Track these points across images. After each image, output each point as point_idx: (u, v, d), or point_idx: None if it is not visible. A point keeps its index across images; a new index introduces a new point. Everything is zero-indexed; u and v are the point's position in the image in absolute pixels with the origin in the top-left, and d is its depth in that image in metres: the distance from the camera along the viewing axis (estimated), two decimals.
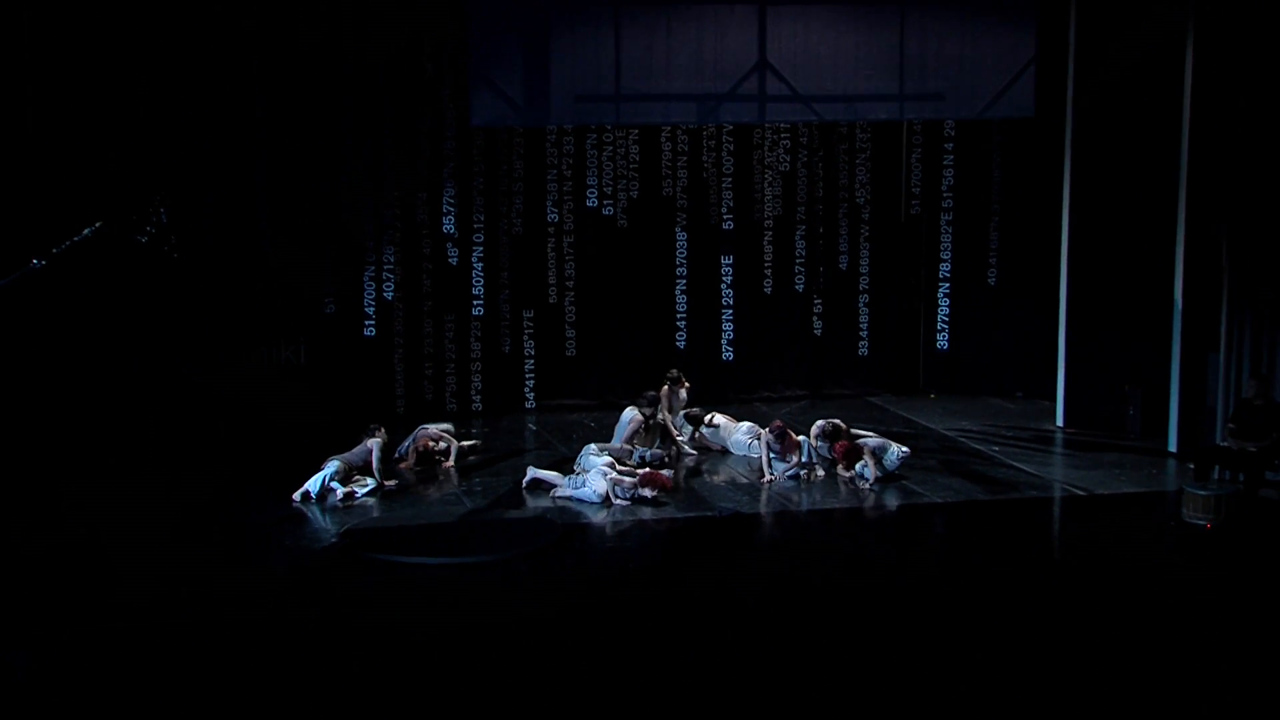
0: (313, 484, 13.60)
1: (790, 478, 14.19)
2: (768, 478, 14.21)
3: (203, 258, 15.88)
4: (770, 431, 14.44)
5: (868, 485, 13.88)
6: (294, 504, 13.42)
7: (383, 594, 10.97)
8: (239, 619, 10.26)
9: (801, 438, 14.45)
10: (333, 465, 13.79)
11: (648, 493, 13.35)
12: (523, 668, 9.40)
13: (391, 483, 14.02)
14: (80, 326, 15.09)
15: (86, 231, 13.45)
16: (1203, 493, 12.65)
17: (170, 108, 15.55)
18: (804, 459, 14.33)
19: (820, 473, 14.29)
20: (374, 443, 14.05)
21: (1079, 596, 10.92)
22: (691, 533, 12.57)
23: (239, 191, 16.14)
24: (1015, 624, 10.35)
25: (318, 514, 13.21)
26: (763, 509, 13.40)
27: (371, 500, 13.61)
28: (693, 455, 15.07)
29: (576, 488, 13.55)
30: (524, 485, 13.90)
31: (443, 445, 14.98)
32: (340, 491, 13.56)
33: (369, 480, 13.85)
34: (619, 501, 13.35)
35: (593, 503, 13.38)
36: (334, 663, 9.52)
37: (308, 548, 12.17)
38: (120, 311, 15.41)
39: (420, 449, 14.92)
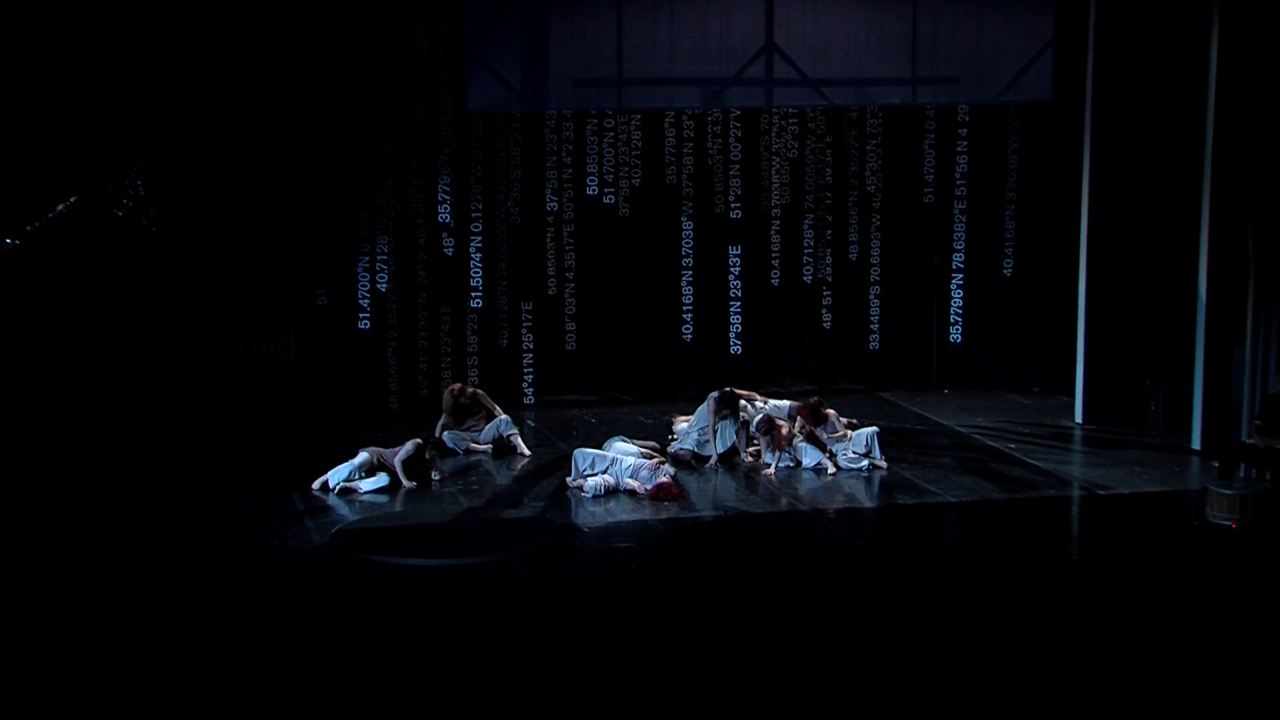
0: (334, 474, 13.24)
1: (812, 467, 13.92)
2: (768, 469, 13.92)
3: (188, 242, 15.38)
4: (757, 426, 14.14)
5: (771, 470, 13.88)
6: (313, 492, 13.11)
7: (375, 596, 10.54)
8: (221, 623, 9.88)
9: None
10: (362, 455, 13.42)
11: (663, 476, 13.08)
12: (519, 672, 9.06)
13: (410, 483, 13.47)
14: (58, 311, 14.59)
15: (61, 207, 13.03)
16: (1228, 491, 12.21)
17: (152, 80, 15.04)
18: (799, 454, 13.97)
19: (831, 470, 13.84)
20: (411, 444, 13.61)
21: (1098, 599, 10.49)
22: (695, 533, 12.10)
23: (227, 175, 15.63)
24: (1031, 627, 9.91)
25: (337, 505, 12.90)
26: (769, 508, 12.94)
27: (380, 498, 13.20)
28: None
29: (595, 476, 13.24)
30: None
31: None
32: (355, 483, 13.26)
33: (383, 477, 13.39)
34: (630, 483, 13.06)
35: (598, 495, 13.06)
36: (323, 668, 9.18)
37: (297, 548, 11.71)
38: (100, 297, 14.93)
39: (456, 391, 14.76)
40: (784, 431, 14.05)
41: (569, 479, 13.33)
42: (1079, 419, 16.06)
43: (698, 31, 15.18)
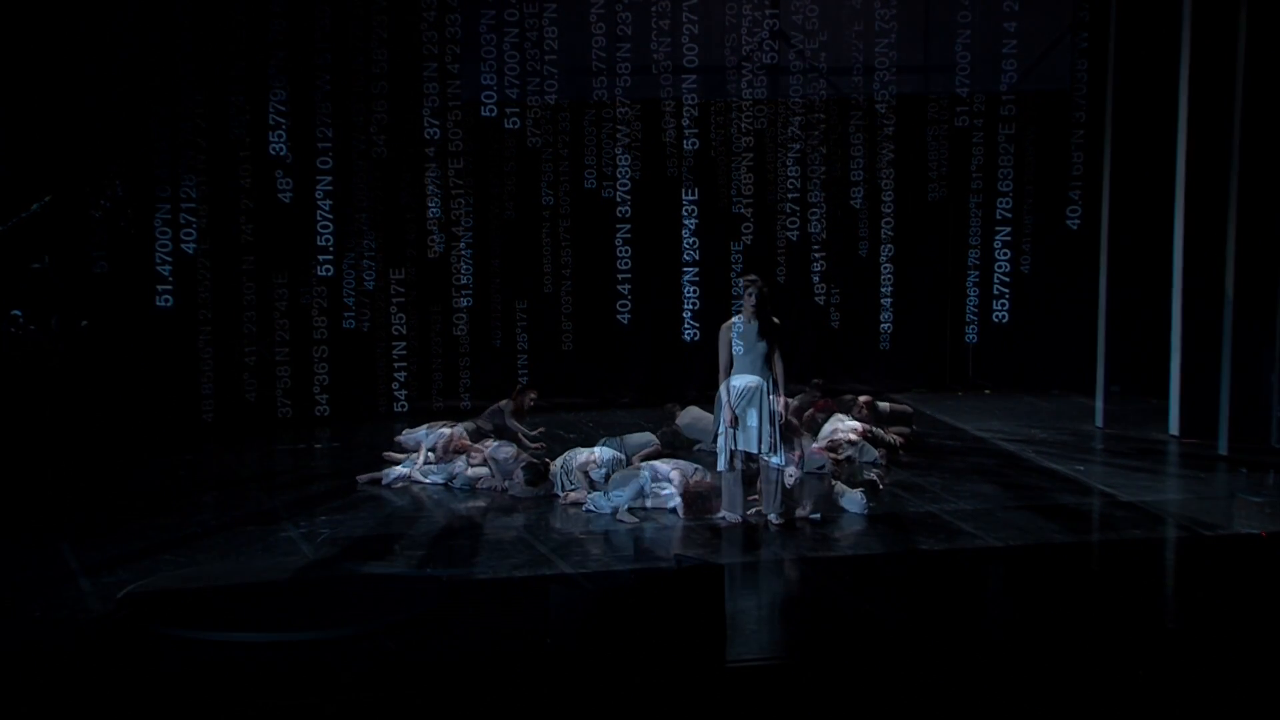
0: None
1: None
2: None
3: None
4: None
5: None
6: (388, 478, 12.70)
7: (180, 686, 8.03)
8: None
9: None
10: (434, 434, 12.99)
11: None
12: None
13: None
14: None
15: (35, 207, 12.48)
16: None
17: (129, 74, 14.24)
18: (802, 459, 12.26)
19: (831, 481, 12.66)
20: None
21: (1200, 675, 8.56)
22: (637, 591, 8.78)
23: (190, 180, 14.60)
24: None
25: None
26: (741, 557, 10.67)
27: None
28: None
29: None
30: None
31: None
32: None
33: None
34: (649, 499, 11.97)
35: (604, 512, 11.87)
36: None
37: (68, 620, 8.96)
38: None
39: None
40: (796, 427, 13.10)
41: (559, 494, 12.39)
42: (1100, 423, 15.33)
43: (700, 17, 14.41)
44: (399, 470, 13.16)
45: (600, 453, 12.43)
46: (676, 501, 11.71)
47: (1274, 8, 13.45)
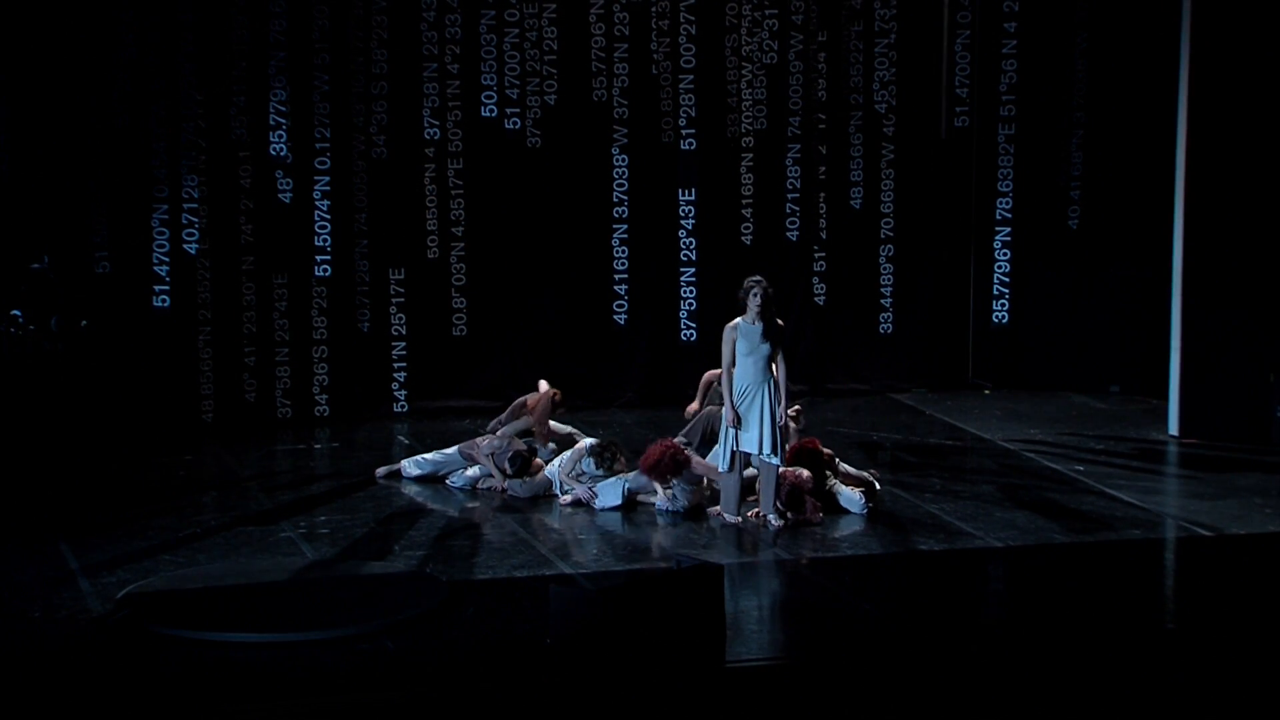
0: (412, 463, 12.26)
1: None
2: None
3: None
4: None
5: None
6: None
7: (180, 687, 8.21)
8: None
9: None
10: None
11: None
12: None
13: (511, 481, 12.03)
14: None
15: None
16: None
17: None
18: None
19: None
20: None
21: (1201, 681, 8.66)
22: (637, 591, 8.79)
23: None
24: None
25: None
26: (740, 557, 10.71)
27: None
28: None
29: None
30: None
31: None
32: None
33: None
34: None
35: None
36: None
37: (67, 621, 9.15)
38: None
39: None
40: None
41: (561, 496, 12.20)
42: (1174, 430, 13.80)
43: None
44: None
45: (585, 442, 12.44)
46: (660, 500, 11.68)
47: (1274, 8, 13.05)
